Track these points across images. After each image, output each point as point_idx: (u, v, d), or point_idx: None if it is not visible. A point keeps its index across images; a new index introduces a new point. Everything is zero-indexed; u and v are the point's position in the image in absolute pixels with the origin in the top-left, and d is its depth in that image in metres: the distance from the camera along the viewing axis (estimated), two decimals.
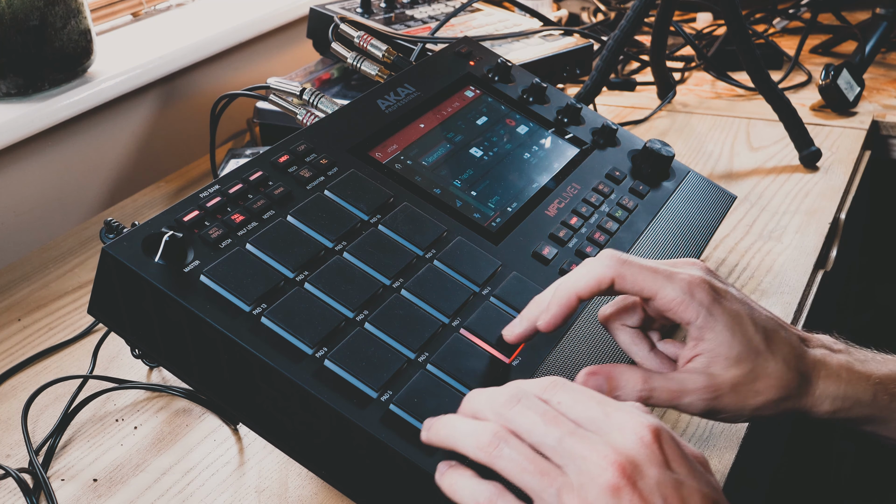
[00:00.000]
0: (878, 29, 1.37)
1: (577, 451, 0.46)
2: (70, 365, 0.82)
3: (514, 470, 0.46)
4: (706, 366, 0.56)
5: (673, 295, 0.55)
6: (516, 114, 0.85)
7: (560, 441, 0.46)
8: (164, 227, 0.58)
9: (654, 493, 0.45)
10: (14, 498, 0.66)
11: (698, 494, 0.46)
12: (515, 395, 0.49)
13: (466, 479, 0.48)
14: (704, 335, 0.56)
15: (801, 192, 1.05)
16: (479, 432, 0.48)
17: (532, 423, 0.47)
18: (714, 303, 0.55)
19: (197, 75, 1.29)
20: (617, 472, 0.44)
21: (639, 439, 0.46)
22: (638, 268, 0.55)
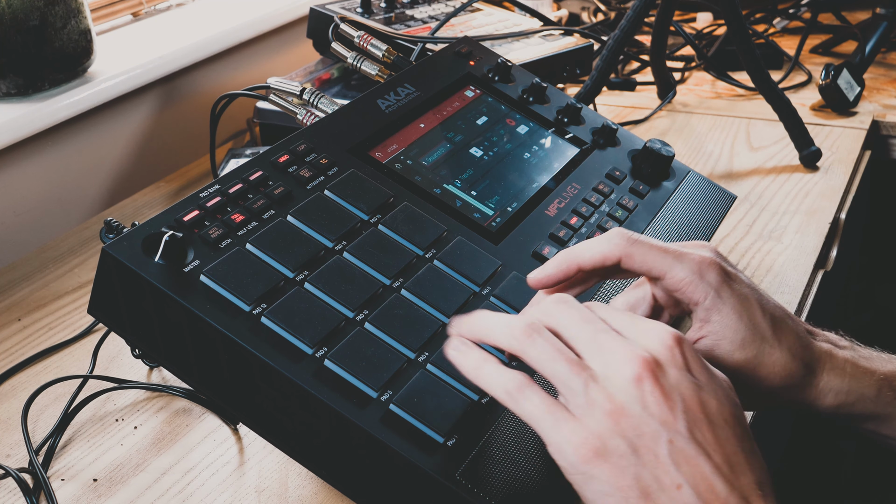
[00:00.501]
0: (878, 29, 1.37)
1: (606, 346, 0.47)
2: (70, 365, 0.82)
3: (545, 359, 0.47)
4: (709, 349, 0.56)
5: (682, 275, 0.55)
6: (516, 114, 0.85)
7: (593, 336, 0.48)
8: (164, 227, 0.58)
9: (673, 391, 0.46)
10: (14, 498, 0.66)
11: (716, 401, 0.47)
12: (563, 299, 0.51)
13: (492, 365, 0.49)
14: (711, 317, 0.55)
15: (801, 192, 1.05)
16: (513, 323, 0.49)
17: (571, 319, 0.49)
18: (723, 284, 0.55)
19: (197, 75, 1.29)
20: (641, 365, 0.46)
21: (662, 342, 0.48)
22: (647, 247, 0.55)
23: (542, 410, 0.47)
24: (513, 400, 0.47)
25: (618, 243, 0.55)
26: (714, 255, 0.57)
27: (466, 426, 0.53)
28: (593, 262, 0.55)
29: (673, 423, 0.45)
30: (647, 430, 0.45)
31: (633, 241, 0.55)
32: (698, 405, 0.46)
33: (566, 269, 0.56)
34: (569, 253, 0.56)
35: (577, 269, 0.56)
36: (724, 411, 0.47)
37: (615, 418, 0.45)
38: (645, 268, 0.55)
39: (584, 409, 0.46)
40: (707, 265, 0.55)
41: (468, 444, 0.53)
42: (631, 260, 0.55)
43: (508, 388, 0.47)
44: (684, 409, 0.46)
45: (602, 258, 0.55)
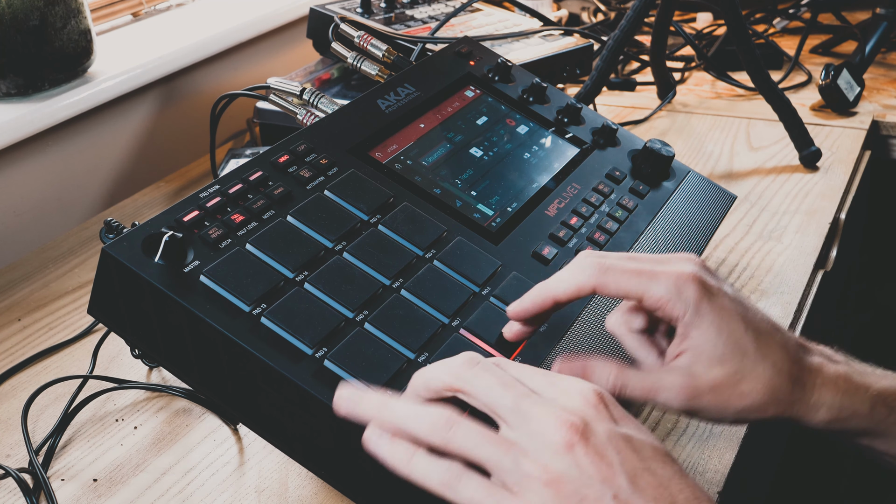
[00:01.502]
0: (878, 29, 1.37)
1: (531, 413, 0.46)
2: (70, 365, 0.82)
3: (471, 445, 0.46)
4: (689, 364, 0.55)
5: (659, 293, 0.55)
6: (516, 114, 0.85)
7: (515, 403, 0.47)
8: (164, 227, 0.58)
9: (606, 447, 0.46)
10: (14, 498, 0.66)
11: (648, 446, 0.47)
12: (473, 359, 0.50)
13: (422, 457, 0.47)
14: (690, 332, 0.55)
15: (801, 192, 1.05)
16: (431, 414, 0.47)
17: (489, 383, 0.48)
18: (702, 299, 0.55)
19: (197, 75, 1.29)
20: (569, 429, 0.46)
21: (585, 400, 0.47)
22: (620, 272, 0.55)
23: (483, 495, 0.46)
24: (451, 490, 0.46)
25: (591, 274, 0.55)
26: (696, 268, 0.56)
27: None
28: (568, 294, 0.56)
29: (613, 479, 0.45)
30: (590, 492, 0.45)
31: (606, 268, 0.55)
32: (633, 454, 0.46)
33: (541, 304, 0.57)
34: (544, 287, 0.57)
35: (553, 302, 0.56)
36: (658, 454, 0.47)
37: (555, 487, 0.45)
38: (621, 293, 0.55)
39: (522, 485, 0.45)
40: (685, 280, 0.55)
41: None
42: (605, 288, 0.55)
43: (444, 480, 0.47)
44: (621, 462, 0.45)
45: (577, 290, 0.56)
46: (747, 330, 0.55)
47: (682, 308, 0.55)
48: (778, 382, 0.55)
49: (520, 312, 0.58)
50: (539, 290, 0.57)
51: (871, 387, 0.58)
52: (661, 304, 0.55)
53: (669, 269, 0.55)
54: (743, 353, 0.55)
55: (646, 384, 0.55)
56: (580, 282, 0.55)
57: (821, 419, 0.57)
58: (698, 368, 0.55)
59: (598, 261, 0.56)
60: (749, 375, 0.55)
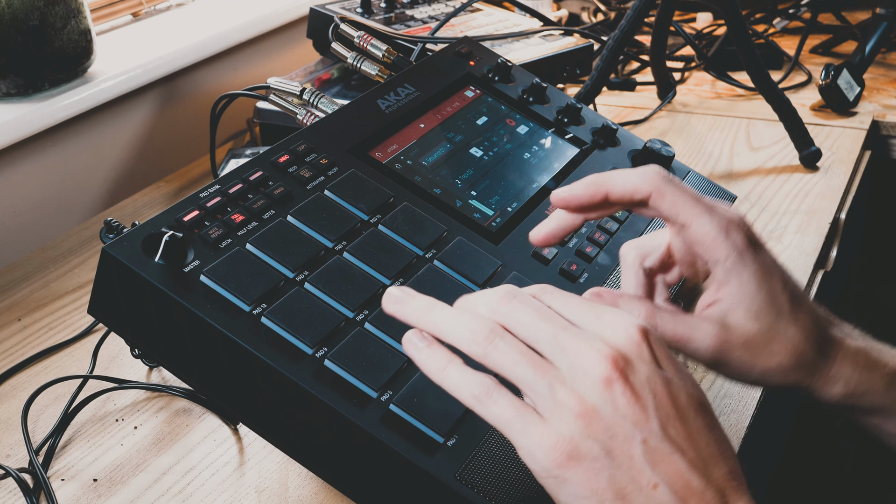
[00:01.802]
0: (878, 29, 1.37)
1: (570, 346, 0.45)
2: (70, 365, 0.82)
3: (508, 363, 0.45)
4: (723, 314, 0.54)
5: (708, 228, 0.53)
6: (516, 114, 0.85)
7: (554, 335, 0.46)
8: (164, 227, 0.58)
9: (644, 388, 0.45)
10: (14, 498, 0.66)
11: (685, 393, 0.46)
12: (510, 292, 0.48)
13: (457, 367, 0.46)
14: (730, 279, 0.53)
15: (801, 192, 1.05)
16: (473, 325, 0.46)
17: (527, 318, 0.46)
18: (748, 248, 0.53)
19: (197, 75, 1.29)
20: (610, 364, 0.44)
21: (629, 337, 0.46)
22: (681, 190, 0.53)
23: (511, 414, 0.45)
24: (480, 404, 0.45)
25: (652, 178, 0.53)
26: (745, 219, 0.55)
27: (466, 426, 0.53)
28: (623, 191, 0.54)
29: (646, 423, 0.44)
30: (620, 431, 0.44)
31: (667, 179, 0.53)
32: (669, 400, 0.45)
33: (593, 194, 0.54)
34: (599, 178, 0.54)
35: (605, 196, 0.54)
36: (693, 403, 0.46)
37: (586, 420, 0.44)
38: (673, 210, 0.53)
39: (553, 412, 0.44)
40: (735, 225, 0.53)
41: (468, 444, 0.53)
42: (661, 198, 0.53)
43: (475, 392, 0.46)
44: (656, 407, 0.45)
45: (633, 190, 0.53)
46: (785, 289, 0.54)
47: (726, 251, 0.53)
48: (805, 348, 0.55)
49: (567, 198, 0.54)
50: (594, 179, 0.54)
51: (887, 364, 0.57)
52: (708, 239, 0.53)
53: (723, 210, 0.54)
54: (778, 312, 0.54)
55: (678, 330, 0.54)
56: (639, 183, 0.53)
57: (836, 393, 0.56)
58: (733, 319, 0.54)
59: (661, 170, 0.54)
60: (780, 336, 0.54)
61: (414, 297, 0.49)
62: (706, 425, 0.46)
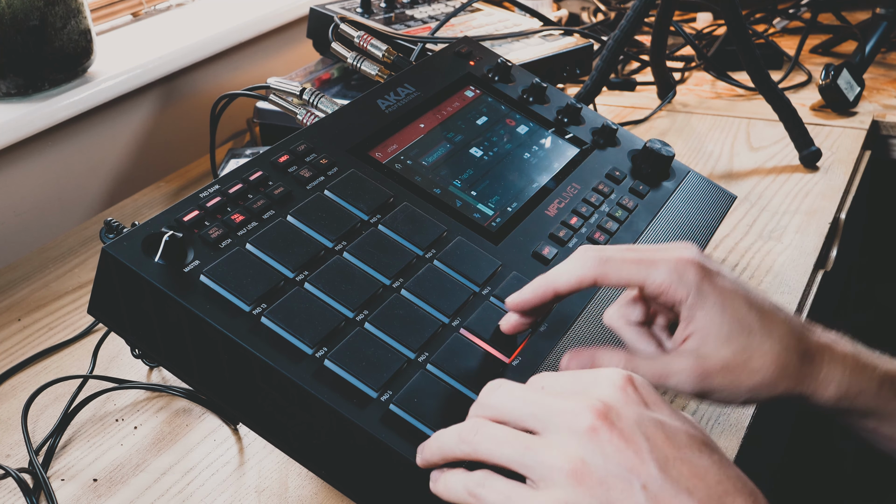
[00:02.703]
0: (878, 29, 1.37)
1: (554, 408, 0.46)
2: (70, 365, 0.82)
3: (494, 448, 0.46)
4: (696, 346, 0.55)
5: (660, 279, 0.55)
6: (516, 114, 0.85)
7: (540, 405, 0.46)
8: (164, 227, 0.58)
9: (634, 432, 0.44)
10: (14, 498, 0.66)
11: (683, 434, 0.45)
12: (495, 385, 0.49)
13: (456, 475, 0.48)
14: (695, 314, 0.55)
15: (801, 192, 1.05)
16: (458, 428, 0.48)
17: (511, 399, 0.48)
18: (704, 280, 0.55)
19: (197, 75, 1.29)
20: (592, 414, 0.44)
21: (612, 384, 0.46)
22: (619, 262, 0.55)
23: (504, 496, 0.45)
24: (475, 497, 0.46)
25: (591, 266, 0.55)
26: (695, 253, 0.56)
27: None
28: (569, 286, 0.56)
29: (642, 467, 0.43)
30: (616, 481, 0.43)
31: (605, 259, 0.55)
32: (666, 441, 0.44)
33: (542, 295, 0.56)
34: (545, 279, 0.56)
35: (554, 294, 0.56)
36: (694, 442, 0.45)
37: (578, 477, 0.43)
38: (623, 282, 0.55)
39: (546, 479, 0.44)
40: (684, 264, 0.55)
41: None
42: (606, 278, 0.55)
43: (469, 488, 0.46)
44: (650, 449, 0.43)
45: (578, 282, 0.55)
46: (751, 308, 0.55)
47: (685, 291, 0.54)
48: (786, 357, 0.55)
49: (520, 304, 0.57)
50: (539, 282, 0.57)
51: (878, 367, 0.58)
52: (664, 288, 0.55)
53: (669, 255, 0.56)
54: (749, 331, 0.55)
55: (655, 369, 0.55)
56: (581, 273, 0.55)
57: (830, 396, 0.57)
58: (706, 350, 0.55)
59: (597, 253, 0.55)
60: (757, 352, 0.55)
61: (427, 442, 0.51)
62: (714, 463, 0.45)
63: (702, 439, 0.46)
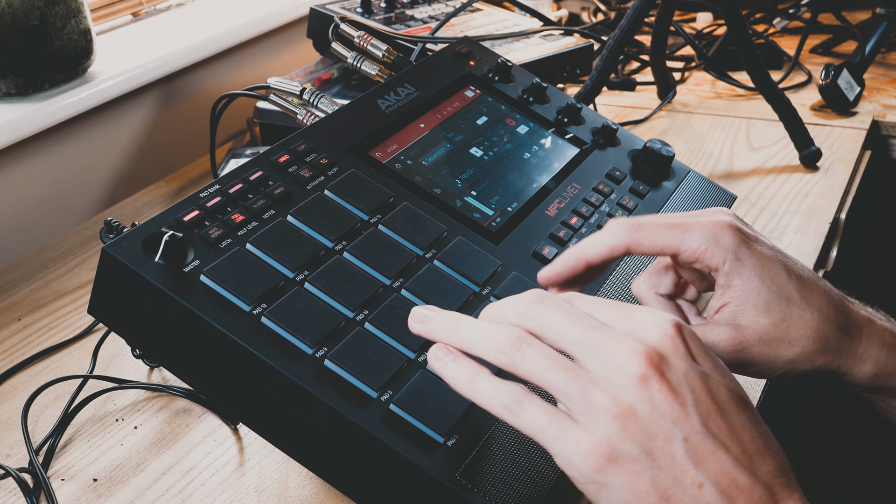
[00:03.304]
0: (878, 29, 1.37)
1: (602, 345, 0.44)
2: (70, 365, 0.82)
3: (538, 369, 0.44)
4: (733, 315, 0.54)
5: (696, 244, 0.53)
6: (516, 114, 0.85)
7: (585, 336, 0.44)
8: (164, 227, 0.58)
9: (681, 384, 0.43)
10: (14, 498, 0.66)
11: (724, 388, 0.45)
12: (539, 296, 0.47)
13: (485, 378, 0.45)
14: (732, 281, 0.53)
15: (801, 192, 1.05)
16: (499, 333, 0.45)
17: (556, 320, 0.45)
18: (741, 246, 0.53)
19: (197, 75, 1.29)
20: (644, 361, 0.43)
21: (663, 333, 0.45)
22: (653, 228, 0.53)
23: (545, 421, 0.44)
24: (511, 414, 0.44)
25: (623, 233, 0.53)
26: (731, 217, 0.55)
27: (466, 426, 0.53)
28: (601, 255, 0.54)
29: (686, 420, 0.43)
30: (660, 430, 0.42)
31: (637, 226, 0.54)
32: (708, 395, 0.44)
33: (574, 266, 0.55)
34: (576, 249, 0.55)
35: (586, 264, 0.54)
36: (734, 398, 0.45)
37: (623, 421, 0.42)
38: (657, 249, 0.54)
39: (588, 415, 0.43)
40: (721, 228, 0.53)
41: (468, 444, 0.53)
42: (639, 246, 0.53)
43: (505, 402, 0.44)
44: (695, 403, 0.43)
45: (610, 251, 0.54)
46: (790, 276, 0.54)
47: (722, 256, 0.53)
48: (826, 329, 0.54)
49: (551, 276, 0.55)
50: (571, 252, 0.55)
51: None
52: (700, 253, 0.53)
53: (704, 220, 0.54)
54: (788, 300, 0.53)
55: None
56: (613, 242, 0.53)
57: (866, 373, 0.55)
58: (744, 319, 0.54)
59: (630, 220, 0.54)
60: (796, 322, 0.53)
61: (438, 313, 0.48)
62: (749, 420, 0.45)
63: (740, 395, 0.46)
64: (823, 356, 0.54)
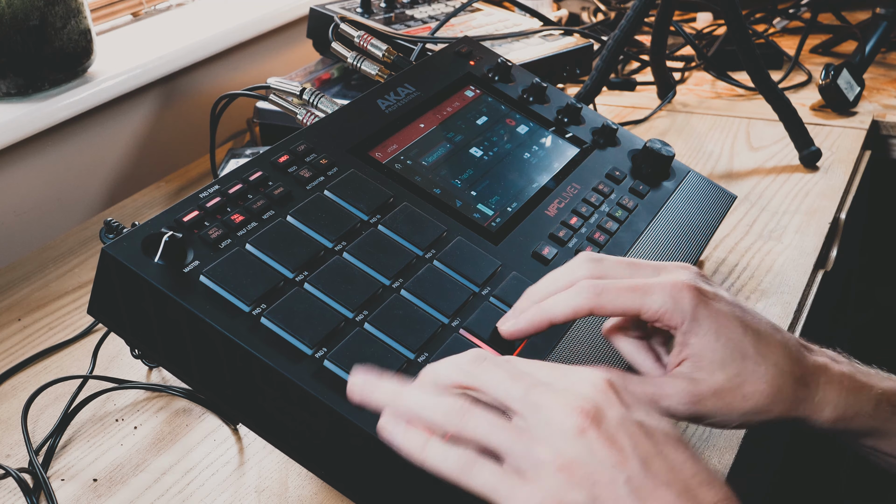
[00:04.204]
0: (878, 29, 1.37)
1: (541, 401, 0.47)
2: (70, 365, 0.82)
3: (484, 432, 0.47)
4: (690, 370, 0.56)
5: (656, 306, 0.55)
6: (516, 113, 0.85)
7: (525, 393, 0.47)
8: (164, 228, 0.58)
9: (618, 431, 0.46)
10: (14, 498, 0.66)
11: (659, 431, 0.47)
12: (480, 355, 0.50)
13: (437, 445, 0.48)
14: (689, 340, 0.55)
15: (801, 192, 1.05)
16: (445, 403, 0.48)
17: (498, 378, 0.48)
18: (699, 306, 0.55)
19: (197, 75, 1.29)
20: (580, 415, 0.46)
21: (595, 387, 0.48)
22: (615, 292, 0.55)
23: (496, 482, 0.46)
24: (465, 476, 0.47)
25: (586, 297, 0.55)
26: (691, 276, 0.56)
27: None
28: (564, 317, 0.56)
29: (625, 464, 0.45)
30: (602, 476, 0.45)
31: (600, 291, 0.55)
32: (646, 438, 0.46)
33: (538, 325, 0.57)
34: (541, 310, 0.57)
35: (549, 323, 0.56)
36: (669, 439, 0.47)
37: (567, 473, 0.45)
38: (619, 311, 0.56)
39: (535, 471, 0.46)
40: (679, 289, 0.55)
41: None
42: (602, 310, 0.55)
43: (458, 466, 0.47)
44: (633, 447, 0.46)
45: (573, 313, 0.56)
46: (746, 332, 0.56)
47: (680, 317, 0.55)
48: (781, 382, 0.55)
49: (514, 333, 0.58)
50: (535, 311, 0.57)
51: (874, 386, 0.58)
52: (659, 315, 0.55)
53: (664, 280, 0.56)
54: (743, 356, 0.55)
55: (648, 391, 0.55)
56: (576, 305, 0.55)
57: (826, 418, 0.57)
58: (700, 374, 0.55)
59: (593, 284, 0.55)
60: (751, 377, 0.55)
61: (379, 382, 0.50)
62: (689, 458, 0.47)
63: (676, 437, 0.48)
64: (779, 407, 0.56)
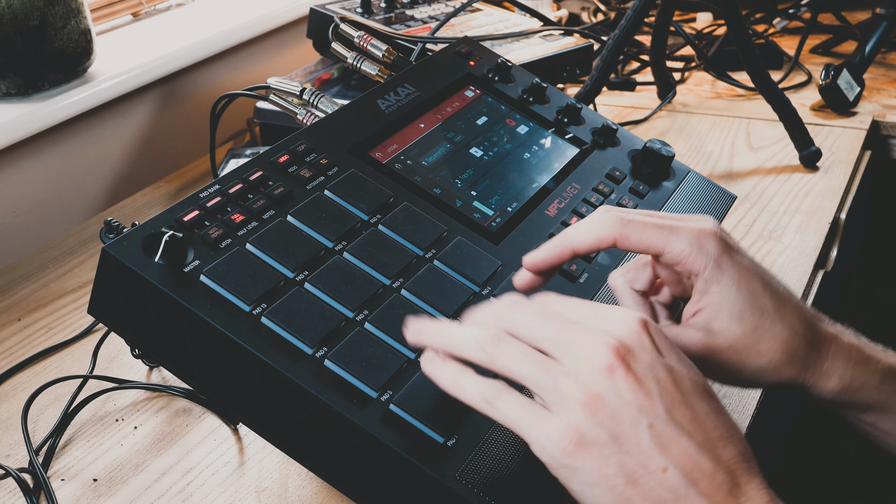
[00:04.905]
0: (878, 29, 1.37)
1: (572, 340, 0.47)
2: (70, 365, 0.82)
3: (513, 363, 0.47)
4: (707, 321, 0.55)
5: (681, 247, 0.54)
6: (516, 114, 0.85)
7: (557, 332, 0.48)
8: (164, 227, 0.58)
9: (646, 374, 0.46)
10: (14, 498, 0.66)
11: (688, 379, 0.47)
12: (514, 300, 0.50)
13: (468, 376, 0.49)
14: (710, 287, 0.55)
15: (801, 192, 1.05)
16: (478, 334, 0.49)
17: (531, 319, 0.49)
18: (723, 254, 0.55)
19: (197, 75, 1.29)
20: (611, 353, 0.46)
21: (629, 328, 0.48)
22: (641, 225, 0.55)
23: (520, 412, 0.47)
24: (491, 406, 0.47)
25: (611, 226, 0.55)
26: (716, 226, 0.56)
27: (467, 426, 0.53)
28: (588, 246, 0.55)
29: (650, 408, 0.45)
30: (626, 417, 0.45)
31: (627, 221, 0.55)
32: (673, 386, 0.46)
33: (560, 254, 0.56)
34: (564, 238, 0.56)
35: (572, 253, 0.56)
36: (697, 388, 0.47)
37: (591, 408, 0.45)
38: (642, 246, 0.55)
39: (559, 404, 0.46)
40: (706, 235, 0.55)
41: (468, 444, 0.53)
42: (626, 241, 0.55)
43: (485, 396, 0.47)
44: (660, 392, 0.46)
45: (597, 242, 0.55)
46: (766, 290, 0.55)
47: (704, 262, 0.54)
48: (795, 344, 0.55)
49: (537, 263, 0.57)
50: (558, 240, 0.56)
51: (881, 360, 0.58)
52: (683, 257, 0.55)
53: (690, 225, 0.55)
54: (762, 312, 0.55)
55: None
56: (601, 234, 0.55)
57: (832, 388, 0.57)
58: (717, 325, 0.55)
59: (619, 214, 0.55)
60: (767, 335, 0.55)
61: (428, 323, 0.52)
62: (712, 409, 0.47)
63: (704, 386, 0.48)
64: (790, 369, 0.56)
